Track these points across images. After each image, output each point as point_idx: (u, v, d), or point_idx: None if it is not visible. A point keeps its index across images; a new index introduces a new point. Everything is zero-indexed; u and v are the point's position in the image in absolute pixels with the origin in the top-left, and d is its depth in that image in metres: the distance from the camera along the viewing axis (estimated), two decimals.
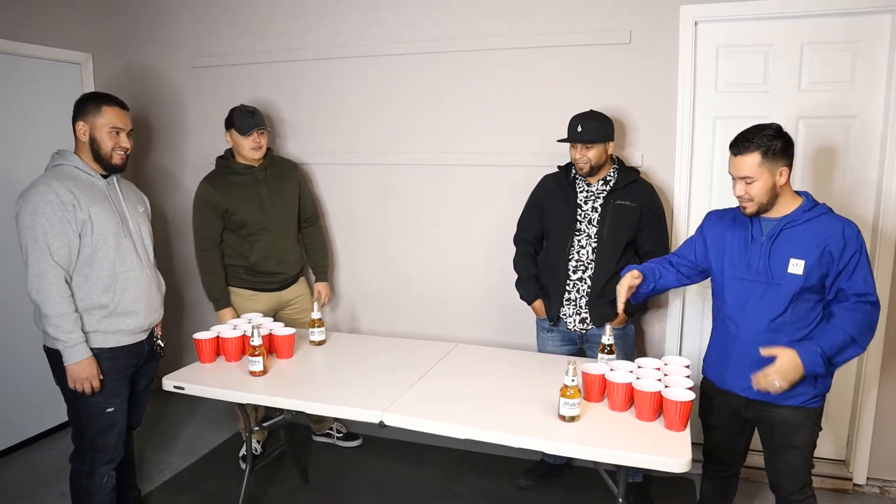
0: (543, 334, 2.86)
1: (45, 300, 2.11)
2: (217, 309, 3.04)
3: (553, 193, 2.77)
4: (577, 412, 1.95)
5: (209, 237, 2.98)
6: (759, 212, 1.96)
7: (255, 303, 3.06)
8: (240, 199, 2.96)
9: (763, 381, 1.89)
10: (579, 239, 2.67)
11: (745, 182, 1.93)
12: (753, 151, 1.89)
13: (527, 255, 2.87)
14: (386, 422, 2.06)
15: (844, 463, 3.00)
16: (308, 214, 3.27)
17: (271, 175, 3.06)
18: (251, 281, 3.05)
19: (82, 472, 2.33)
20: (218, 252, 3.02)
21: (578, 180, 2.71)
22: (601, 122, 2.61)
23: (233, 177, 2.99)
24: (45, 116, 3.31)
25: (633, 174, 2.69)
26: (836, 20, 2.67)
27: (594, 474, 2.13)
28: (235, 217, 2.95)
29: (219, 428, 3.55)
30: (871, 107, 2.70)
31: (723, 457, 2.25)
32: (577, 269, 2.68)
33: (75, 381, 2.18)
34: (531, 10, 3.05)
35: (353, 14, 3.35)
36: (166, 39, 3.75)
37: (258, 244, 2.99)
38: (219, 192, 2.94)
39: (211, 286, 3.02)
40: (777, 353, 1.89)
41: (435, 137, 3.32)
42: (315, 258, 3.32)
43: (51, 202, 2.11)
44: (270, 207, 3.01)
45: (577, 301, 2.69)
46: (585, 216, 2.67)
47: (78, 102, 2.26)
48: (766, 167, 1.89)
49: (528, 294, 2.84)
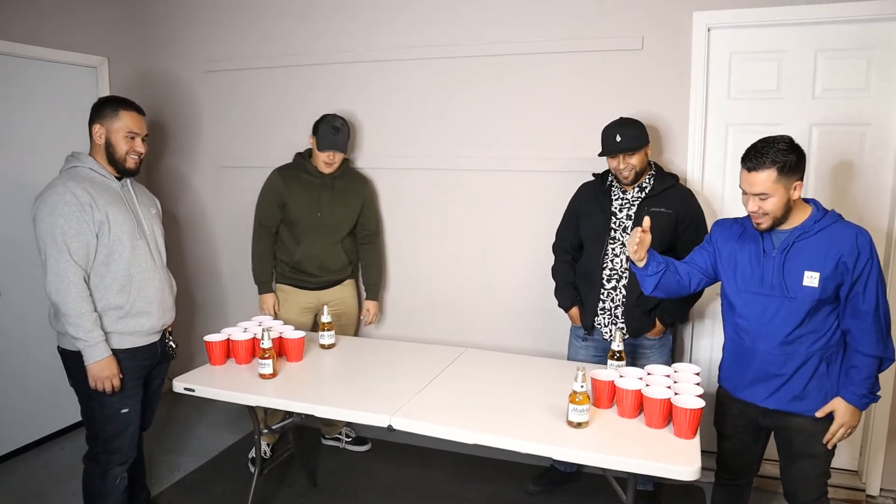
0: (577, 342, 2.82)
1: (65, 300, 2.13)
2: (260, 293, 3.16)
3: (588, 202, 2.73)
4: (586, 418, 1.94)
5: (266, 223, 3.11)
6: (773, 227, 1.93)
7: (294, 298, 3.16)
8: (300, 196, 3.04)
9: (837, 438, 1.98)
10: (613, 248, 2.63)
11: (759, 198, 1.88)
12: (769, 168, 1.84)
13: (564, 263, 2.84)
14: (394, 426, 2.06)
15: (857, 474, 2.96)
16: (368, 231, 3.30)
17: (339, 184, 3.12)
18: (293, 278, 3.15)
19: (96, 474, 2.34)
20: (270, 239, 3.14)
21: (614, 188, 2.68)
22: (637, 128, 2.56)
23: (303, 175, 3.08)
24: (61, 119, 3.34)
25: (670, 180, 2.63)
26: (851, 27, 2.65)
27: (603, 482, 2.11)
28: (291, 213, 3.05)
29: (229, 430, 3.57)
30: (886, 114, 2.68)
31: (736, 466, 2.23)
32: (611, 278, 2.64)
33: (96, 380, 2.20)
34: (542, 16, 3.05)
35: (363, 18, 3.37)
36: (181, 43, 3.79)
37: (304, 244, 3.07)
38: (284, 184, 3.05)
39: (258, 271, 3.15)
40: (830, 409, 1.96)
41: (446, 143, 3.33)
42: (369, 275, 3.36)
43: (69, 203, 2.13)
44: (327, 213, 3.08)
45: (613, 310, 2.66)
46: (620, 224, 2.63)
47: (96, 105, 2.29)
48: (781, 183, 1.85)
49: (564, 301, 2.82)
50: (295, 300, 3.15)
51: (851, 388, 1.93)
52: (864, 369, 1.91)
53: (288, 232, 3.11)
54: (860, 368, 1.92)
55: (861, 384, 1.92)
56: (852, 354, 1.94)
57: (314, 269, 3.11)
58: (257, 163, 3.56)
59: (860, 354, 1.91)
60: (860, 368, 1.92)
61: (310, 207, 3.05)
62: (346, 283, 3.27)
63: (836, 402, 1.95)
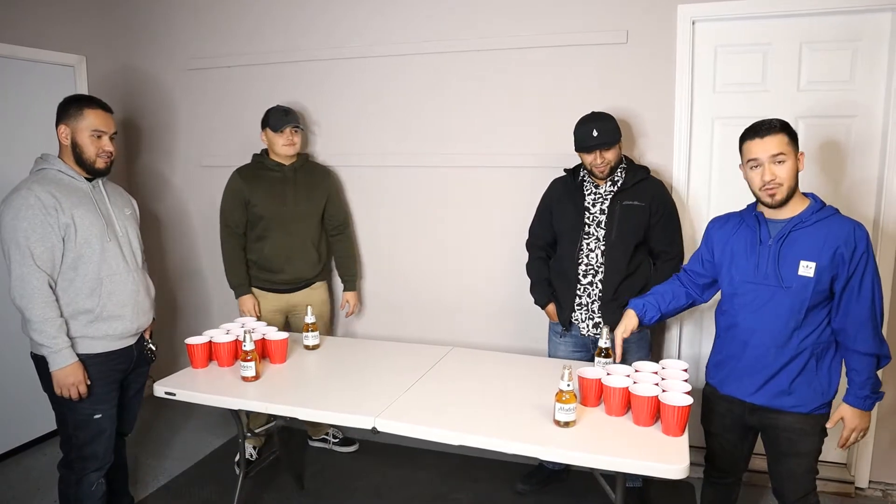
0: (556, 339, 2.81)
1: (29, 305, 2.08)
2: (237, 296, 3.10)
3: (561, 197, 2.72)
4: (573, 417, 1.91)
5: (231, 224, 3.05)
6: (788, 198, 1.90)
7: (264, 302, 3.10)
8: (263, 192, 3.01)
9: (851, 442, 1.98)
10: (588, 242, 2.62)
11: (776, 162, 1.87)
12: (780, 131, 1.87)
13: (538, 260, 2.83)
14: (379, 428, 2.03)
15: (846, 466, 2.96)
16: (336, 222, 3.26)
17: (301, 177, 3.09)
18: (260, 279, 3.09)
19: (71, 480, 2.29)
20: (239, 241, 3.08)
21: (586, 183, 2.67)
22: (611, 122, 2.55)
23: (263, 171, 3.05)
24: (38, 119, 3.27)
25: (641, 173, 2.63)
26: (836, 19, 2.64)
27: (592, 480, 2.09)
28: (256, 209, 3.00)
29: (214, 433, 3.52)
30: (871, 106, 2.67)
31: (725, 464, 2.21)
32: (587, 273, 2.63)
33: (61, 387, 2.15)
34: (527, 11, 3.02)
35: (349, 14, 3.33)
36: (160, 42, 3.73)
37: (269, 239, 3.03)
38: (245, 182, 3.01)
39: (231, 273, 3.09)
40: (839, 417, 1.95)
41: (432, 139, 3.29)
42: (343, 267, 3.33)
43: (32, 206, 2.08)
44: (292, 206, 3.04)
45: (589, 306, 2.65)
46: (593, 219, 2.62)
47: (60, 105, 2.23)
48: (791, 147, 1.88)
49: (540, 298, 2.81)
50: (263, 304, 3.10)
51: (854, 392, 1.92)
52: (864, 370, 1.89)
53: (253, 230, 3.06)
54: (859, 370, 1.90)
55: (863, 385, 1.90)
56: (849, 355, 1.92)
57: (282, 266, 3.05)
58: (238, 161, 3.48)
59: (857, 354, 1.89)
60: (859, 370, 1.90)
61: (274, 202, 3.01)
62: (318, 286, 3.22)
63: (842, 408, 1.94)
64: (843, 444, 1.98)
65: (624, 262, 2.58)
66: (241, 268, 3.09)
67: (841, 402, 1.96)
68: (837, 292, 1.89)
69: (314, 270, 3.17)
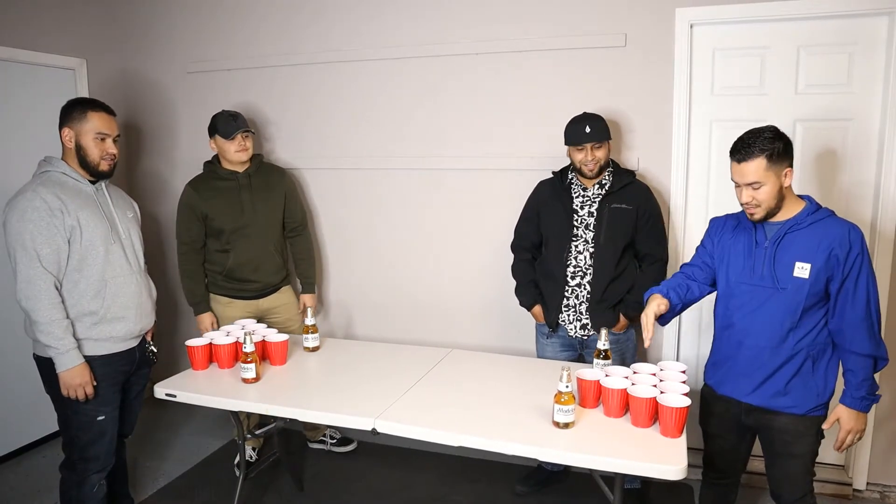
0: (543, 340, 2.83)
1: (35, 307, 2.09)
2: (196, 314, 3.05)
3: (549, 200, 2.75)
4: (572, 419, 1.92)
5: (188, 241, 2.98)
6: (766, 217, 1.93)
7: (231, 310, 3.04)
8: (220, 204, 2.94)
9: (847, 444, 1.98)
10: (576, 245, 2.65)
11: (751, 188, 1.88)
12: (758, 157, 1.85)
13: (524, 262, 2.85)
14: (378, 429, 2.04)
15: (844, 468, 2.97)
16: (295, 223, 3.21)
17: (256, 181, 3.03)
18: (228, 288, 3.04)
19: (73, 482, 2.30)
20: (197, 256, 3.02)
21: (574, 185, 2.69)
22: (603, 121, 2.59)
23: (216, 181, 2.98)
24: (39, 122, 3.28)
25: (628, 176, 2.67)
26: (833, 23, 2.66)
27: (592, 481, 2.10)
28: (214, 223, 2.94)
29: (214, 435, 3.53)
30: (868, 109, 2.68)
31: (723, 465, 2.21)
32: (575, 275, 2.66)
33: (68, 388, 2.16)
34: (524, 13, 3.03)
35: (344, 19, 3.34)
36: (160, 45, 3.74)
37: (235, 250, 2.97)
38: (200, 196, 2.93)
39: (189, 291, 3.03)
40: (835, 418, 1.96)
41: (427, 142, 3.30)
42: (301, 268, 3.26)
43: (38, 208, 2.09)
44: (251, 213, 2.98)
45: (577, 307, 2.67)
46: (582, 221, 2.65)
47: (64, 108, 2.25)
48: (771, 171, 1.86)
49: (526, 300, 2.82)
50: (232, 311, 3.04)
51: (850, 393, 1.92)
52: (860, 371, 1.90)
53: (215, 242, 2.99)
54: (855, 371, 1.91)
55: (859, 387, 1.91)
56: (845, 356, 1.93)
57: (248, 275, 3.00)
58: None
59: (854, 355, 1.90)
60: (855, 371, 1.91)
61: (232, 212, 2.94)
62: (284, 290, 3.18)
63: (838, 409, 1.95)
64: (839, 447, 1.99)
65: (612, 265, 2.61)
66: (201, 285, 3.04)
67: (838, 403, 1.97)
68: (833, 294, 1.90)
69: (280, 275, 3.14)
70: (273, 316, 3.14)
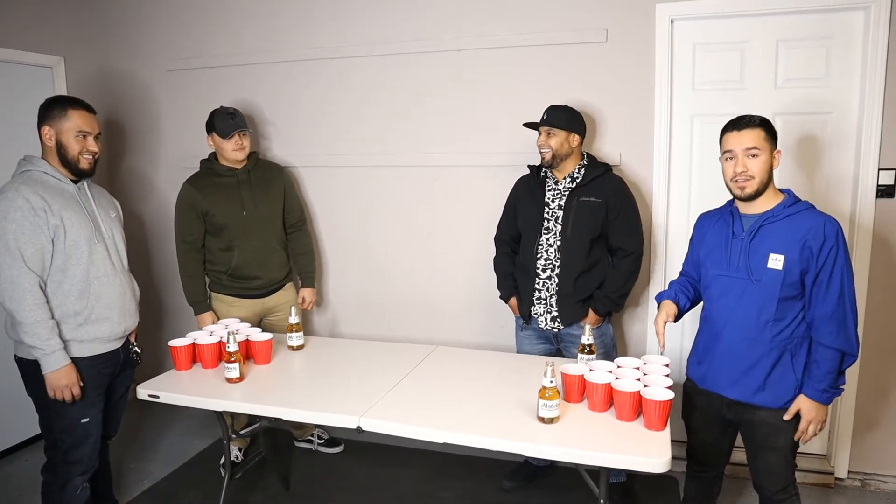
0: (520, 332, 2.86)
1: (20, 308, 2.06)
2: (196, 313, 3.01)
3: (524, 194, 2.78)
4: (557, 414, 1.93)
5: (189, 239, 2.95)
6: (757, 192, 1.93)
7: (237, 309, 3.01)
8: (221, 201, 2.92)
9: (809, 435, 1.97)
10: (547, 237, 2.66)
11: (749, 155, 1.91)
12: (758, 126, 1.91)
13: (504, 255, 2.88)
14: (363, 427, 2.03)
15: (826, 457, 3.01)
16: (294, 219, 3.20)
17: (255, 178, 3.02)
18: (233, 287, 3.01)
19: (55, 485, 2.27)
20: (198, 255, 2.98)
21: (548, 180, 2.71)
22: (568, 113, 2.62)
23: (215, 178, 2.95)
24: (16, 121, 3.23)
25: (600, 169, 2.67)
26: (811, 17, 2.68)
27: (577, 475, 2.11)
28: (216, 219, 2.91)
29: (199, 435, 3.51)
30: (846, 102, 2.71)
31: (705, 458, 2.23)
32: (545, 268, 2.67)
33: (55, 389, 2.13)
34: (506, 10, 3.03)
35: (331, 16, 3.32)
36: (141, 42, 3.70)
37: (238, 248, 2.95)
38: (200, 193, 2.90)
39: (189, 290, 2.99)
40: (796, 408, 1.95)
41: (414, 138, 3.29)
42: (301, 263, 3.25)
43: (21, 208, 2.06)
44: (252, 210, 2.97)
45: (547, 300, 2.68)
46: (552, 214, 2.66)
47: (43, 106, 2.21)
48: (768, 143, 1.92)
49: (504, 292, 2.86)
50: (238, 311, 3.00)
51: (812, 384, 1.93)
52: (825, 363, 1.91)
53: (217, 240, 2.96)
54: (820, 363, 1.92)
55: (821, 379, 1.91)
56: (815, 347, 1.94)
57: (253, 272, 2.98)
58: None
59: (821, 347, 1.91)
60: (820, 363, 1.92)
61: (233, 209, 2.93)
62: (287, 287, 3.18)
63: (799, 399, 1.95)
64: (799, 437, 1.99)
65: (580, 258, 2.62)
66: (201, 284, 3.01)
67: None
68: (808, 286, 1.91)
69: (283, 272, 3.14)
70: (277, 313, 3.12)
